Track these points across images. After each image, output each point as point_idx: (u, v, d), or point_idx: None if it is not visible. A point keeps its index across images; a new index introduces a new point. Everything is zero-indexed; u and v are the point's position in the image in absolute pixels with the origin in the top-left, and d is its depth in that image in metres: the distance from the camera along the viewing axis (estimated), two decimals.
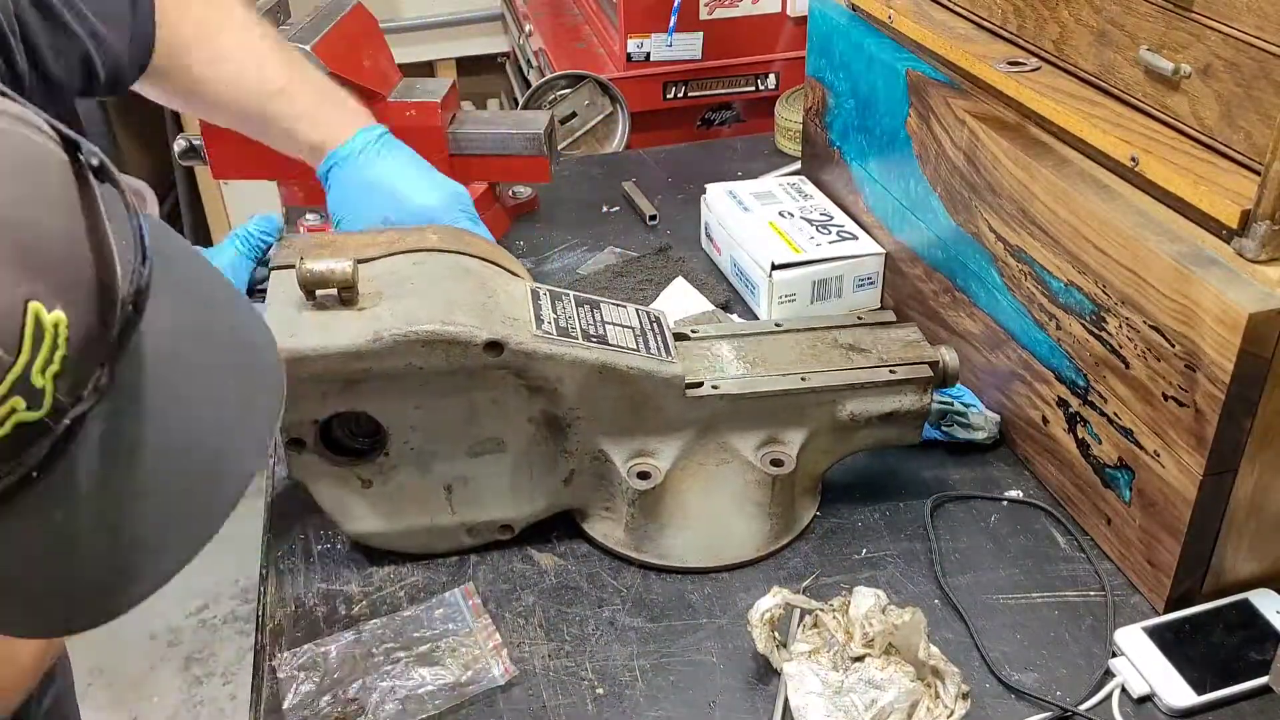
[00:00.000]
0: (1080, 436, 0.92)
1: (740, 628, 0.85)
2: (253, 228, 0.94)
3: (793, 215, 1.25)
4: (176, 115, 2.32)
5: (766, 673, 0.82)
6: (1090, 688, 0.80)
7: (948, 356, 0.92)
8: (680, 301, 1.21)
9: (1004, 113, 0.99)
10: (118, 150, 2.41)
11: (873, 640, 0.76)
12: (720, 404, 0.89)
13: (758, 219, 1.24)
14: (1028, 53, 0.99)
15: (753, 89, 1.73)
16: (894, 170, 1.15)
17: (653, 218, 1.41)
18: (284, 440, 0.84)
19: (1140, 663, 0.80)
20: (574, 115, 1.64)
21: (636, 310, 0.93)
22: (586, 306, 0.90)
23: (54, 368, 0.41)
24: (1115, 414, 0.87)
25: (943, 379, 0.92)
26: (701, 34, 1.66)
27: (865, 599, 0.78)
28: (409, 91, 1.33)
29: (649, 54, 1.66)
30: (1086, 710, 0.78)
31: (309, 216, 1.40)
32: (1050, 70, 0.96)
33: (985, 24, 1.05)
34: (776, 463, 0.90)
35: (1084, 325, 0.88)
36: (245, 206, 2.38)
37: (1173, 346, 0.79)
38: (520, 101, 1.64)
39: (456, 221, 0.98)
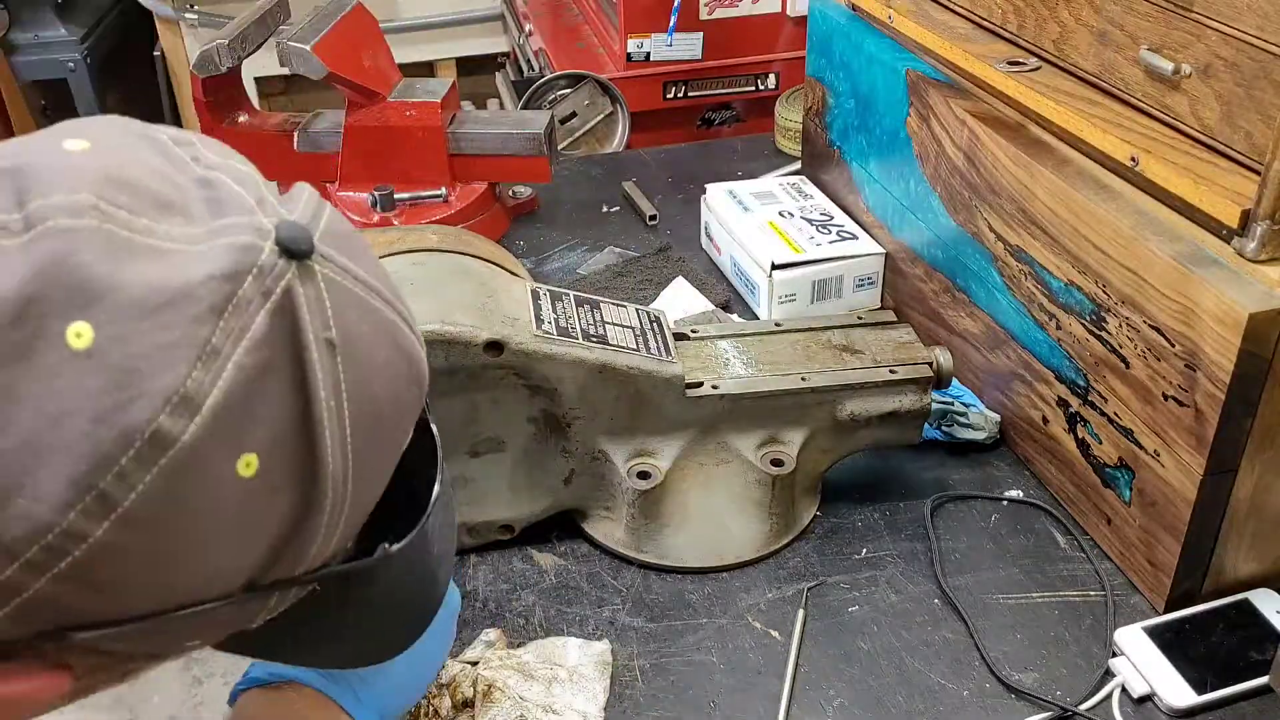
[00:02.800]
0: (1080, 436, 0.92)
1: (740, 627, 0.85)
2: None
3: (793, 215, 1.25)
4: (176, 114, 2.32)
5: (767, 672, 0.82)
6: (1090, 688, 0.80)
7: (941, 358, 0.92)
8: (680, 301, 1.21)
9: (1004, 113, 0.99)
10: None
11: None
12: (720, 404, 0.89)
13: (758, 219, 1.24)
14: (1028, 53, 0.99)
15: (753, 89, 1.73)
16: (894, 170, 1.15)
17: (653, 218, 1.41)
18: None
19: (1140, 662, 0.80)
20: (574, 115, 1.64)
21: (636, 310, 0.93)
22: (586, 306, 0.90)
23: None
24: (1115, 414, 0.87)
25: (937, 380, 0.92)
26: (701, 34, 1.66)
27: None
28: (409, 91, 1.33)
29: (649, 54, 1.66)
30: (1086, 710, 0.78)
31: None
32: (1050, 70, 0.96)
33: (985, 24, 1.05)
34: (776, 463, 0.90)
35: (1084, 325, 0.88)
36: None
37: (1173, 346, 0.79)
38: (520, 101, 1.64)
39: None
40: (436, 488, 0.54)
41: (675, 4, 1.59)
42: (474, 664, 0.80)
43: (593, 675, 0.79)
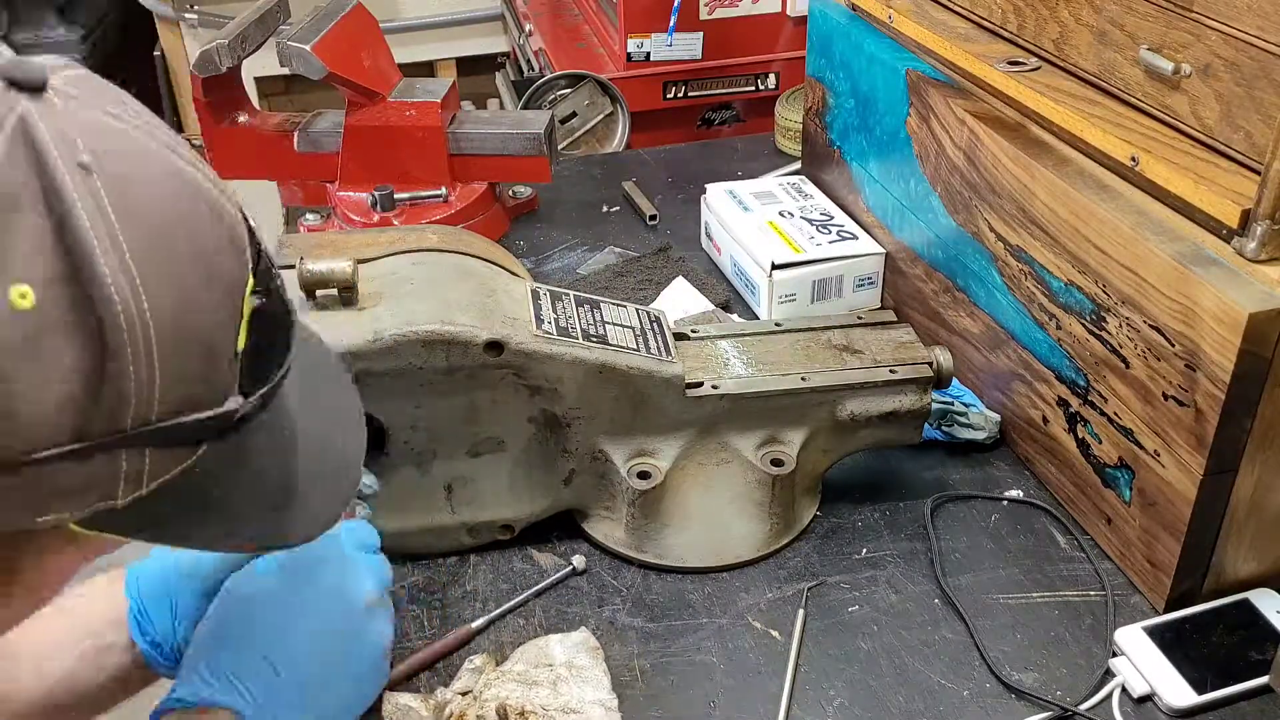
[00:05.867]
0: (1080, 436, 0.92)
1: (740, 628, 0.85)
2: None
3: (793, 215, 1.25)
4: (176, 114, 2.32)
5: (768, 672, 0.82)
6: (1090, 687, 0.80)
7: (941, 357, 0.92)
8: (680, 301, 1.21)
9: (1004, 113, 0.99)
10: None
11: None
12: (720, 404, 0.89)
13: (758, 219, 1.24)
14: (1028, 52, 0.99)
15: (753, 89, 1.73)
16: (894, 170, 1.15)
17: (653, 218, 1.41)
18: None
19: (1140, 662, 0.80)
20: (574, 115, 1.64)
21: (636, 310, 0.93)
22: (586, 306, 0.90)
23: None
24: (1115, 414, 0.87)
25: (937, 380, 0.92)
26: (701, 34, 1.66)
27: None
28: (409, 91, 1.33)
29: (649, 54, 1.66)
30: (1086, 710, 0.78)
31: (309, 216, 1.40)
32: (1050, 70, 0.96)
33: (985, 24, 1.05)
34: (777, 462, 0.90)
35: (1084, 325, 0.88)
36: (245, 206, 2.37)
37: (1173, 346, 0.79)
38: (520, 101, 1.64)
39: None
40: (292, 349, 0.53)
41: (675, 4, 1.59)
42: (466, 694, 0.78)
43: (588, 663, 0.79)
